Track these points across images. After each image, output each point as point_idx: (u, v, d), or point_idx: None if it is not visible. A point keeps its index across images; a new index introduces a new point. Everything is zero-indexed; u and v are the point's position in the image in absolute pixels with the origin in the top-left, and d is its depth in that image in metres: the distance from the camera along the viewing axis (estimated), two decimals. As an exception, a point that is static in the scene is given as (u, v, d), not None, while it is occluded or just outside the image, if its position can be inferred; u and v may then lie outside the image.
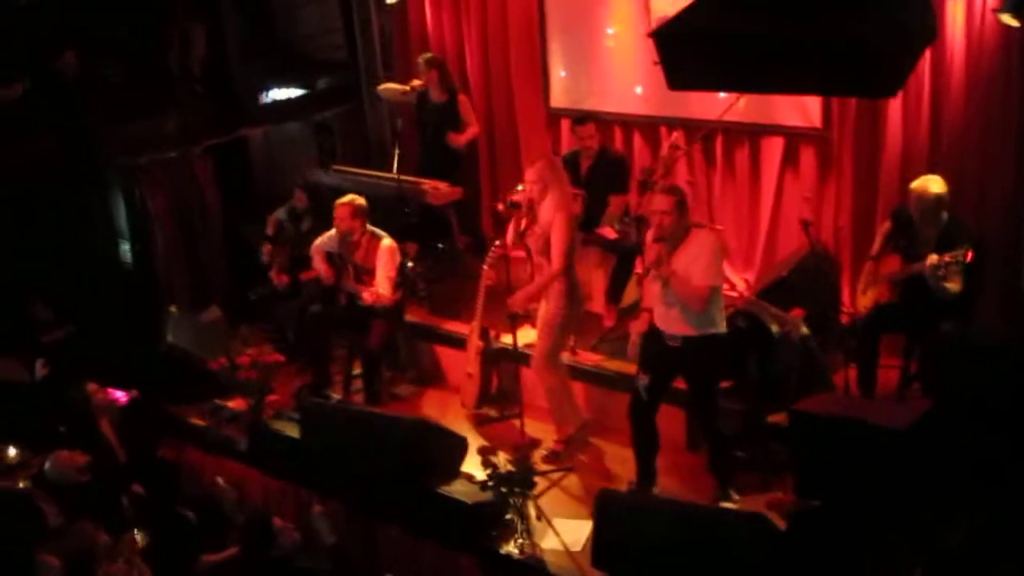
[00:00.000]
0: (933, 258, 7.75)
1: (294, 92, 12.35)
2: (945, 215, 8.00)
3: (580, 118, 9.80)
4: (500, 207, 8.76)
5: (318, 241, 9.67)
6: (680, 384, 7.96)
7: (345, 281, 9.52)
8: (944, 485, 4.41)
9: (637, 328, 8.13)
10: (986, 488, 4.36)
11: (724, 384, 8.18)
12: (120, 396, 9.06)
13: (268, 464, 8.77)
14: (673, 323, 7.62)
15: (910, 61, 5.12)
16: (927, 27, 5.25)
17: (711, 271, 7.47)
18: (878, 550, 4.57)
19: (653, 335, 7.81)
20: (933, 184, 7.99)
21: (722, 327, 7.68)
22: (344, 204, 9.40)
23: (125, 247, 10.81)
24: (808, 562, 5.49)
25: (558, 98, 11.21)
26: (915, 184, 8.10)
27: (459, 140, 10.89)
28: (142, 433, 9.10)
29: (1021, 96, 8.50)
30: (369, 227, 9.54)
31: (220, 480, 8.52)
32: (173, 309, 10.04)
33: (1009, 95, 8.55)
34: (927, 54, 8.32)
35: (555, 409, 8.69)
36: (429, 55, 11.10)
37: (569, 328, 8.62)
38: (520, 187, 8.56)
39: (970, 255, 7.63)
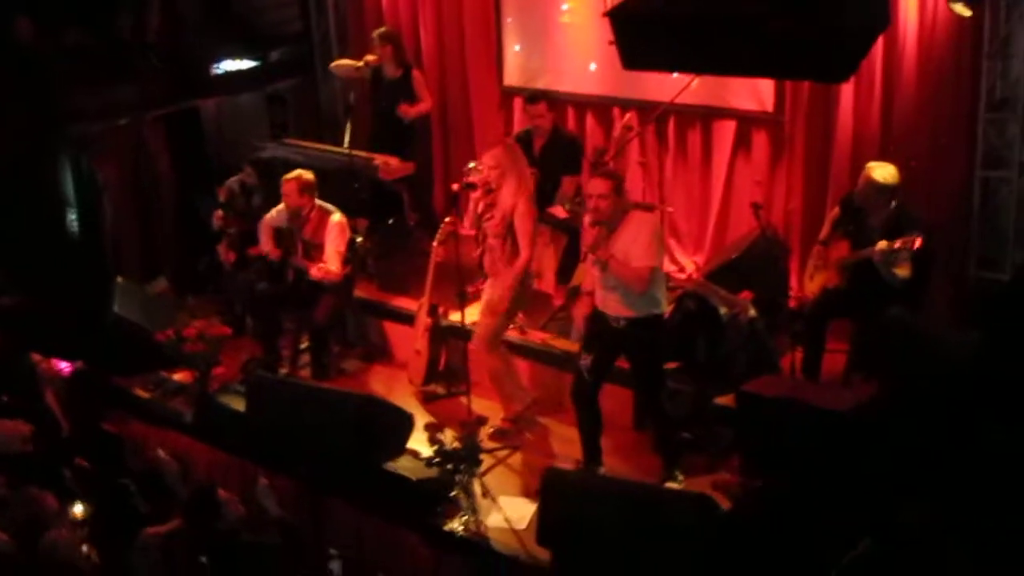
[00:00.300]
0: (883, 244, 7.79)
1: (247, 63, 12.25)
2: (894, 203, 8.04)
3: (532, 96, 9.79)
4: (455, 187, 8.76)
5: (267, 216, 9.63)
6: (624, 364, 7.99)
7: (293, 257, 9.48)
8: (891, 466, 4.47)
9: (580, 311, 8.17)
10: (933, 470, 4.42)
11: (672, 365, 8.22)
12: (64, 367, 8.99)
13: (214, 437, 8.73)
14: (614, 305, 7.64)
15: (864, 46, 5.15)
16: (881, 13, 5.28)
17: (651, 252, 7.47)
18: (824, 527, 4.62)
19: (596, 316, 7.84)
20: (878, 171, 7.99)
21: (664, 308, 7.72)
22: (291, 180, 9.34)
23: (72, 216, 10.68)
24: (753, 540, 5.54)
25: (512, 76, 11.20)
26: (868, 171, 8.11)
27: (409, 112, 10.84)
28: (86, 404, 9.03)
29: (971, 84, 8.59)
30: (319, 202, 9.49)
31: (161, 452, 8.47)
32: (120, 279, 9.95)
33: (960, 83, 8.62)
34: (880, 41, 8.35)
35: (499, 388, 8.70)
36: (384, 30, 11.04)
37: (515, 311, 8.64)
38: (472, 164, 8.56)
39: (919, 242, 7.67)
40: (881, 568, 4.55)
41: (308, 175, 9.42)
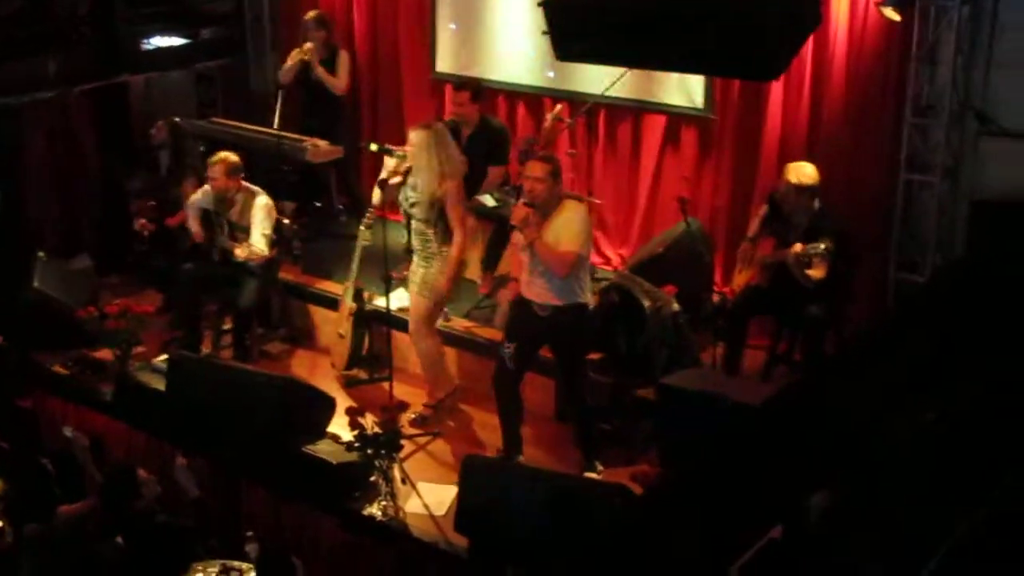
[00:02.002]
0: (798, 247, 7.92)
1: (178, 41, 12.15)
2: (817, 203, 8.16)
3: (459, 84, 9.78)
4: (373, 147, 8.70)
5: (192, 198, 9.55)
6: (547, 354, 8.02)
7: (220, 238, 9.41)
8: (800, 458, 4.55)
9: (506, 297, 8.19)
10: (842, 461, 4.51)
11: (594, 356, 8.26)
12: (-20, 341, 8.88)
13: (132, 416, 8.64)
14: (540, 292, 7.67)
15: (794, 44, 5.19)
16: (812, 12, 5.32)
17: (579, 239, 7.51)
18: (733, 515, 4.69)
19: (521, 304, 7.86)
20: (793, 172, 8.15)
21: (588, 297, 7.75)
22: (217, 163, 9.25)
23: (-7, 189, 10.57)
24: (665, 530, 5.58)
25: (444, 63, 11.19)
26: (789, 173, 8.23)
27: (325, 75, 10.77)
28: (3, 381, 8.92)
29: (898, 88, 8.70)
30: (245, 183, 9.43)
31: (70, 429, 8.36)
32: (41, 255, 9.83)
33: (887, 86, 8.74)
34: (810, 41, 8.45)
35: (428, 373, 8.71)
36: (319, 14, 10.93)
37: (451, 293, 8.62)
38: (401, 152, 8.53)
39: (825, 246, 7.81)
40: (789, 552, 4.63)
41: (234, 157, 9.34)
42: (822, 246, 7.82)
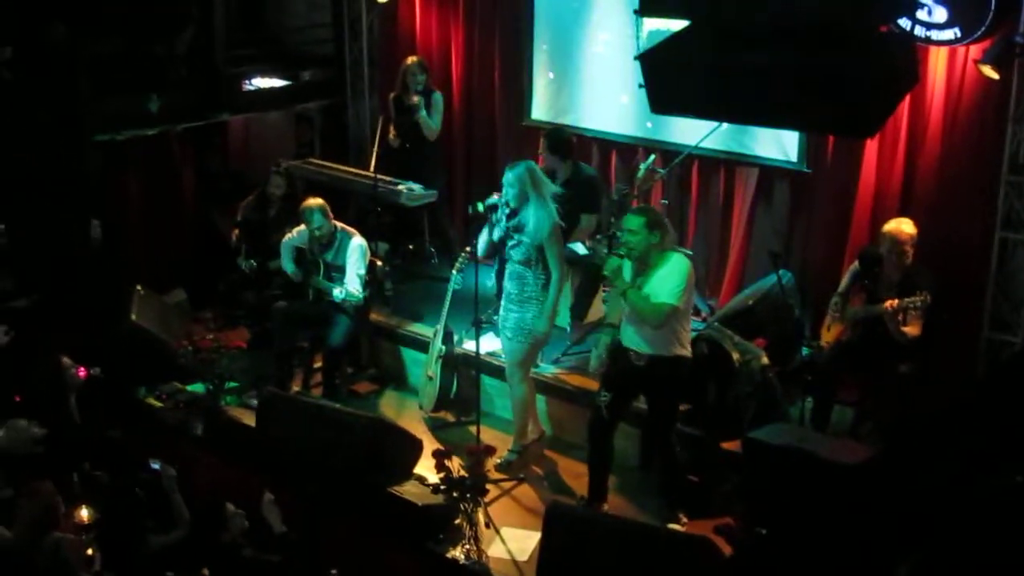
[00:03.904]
0: (894, 302, 7.88)
1: (277, 82, 12.36)
2: (910, 259, 8.12)
3: (548, 134, 9.81)
4: (479, 207, 8.72)
5: (287, 237, 9.69)
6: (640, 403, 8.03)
7: (314, 277, 9.53)
8: (890, 522, 4.52)
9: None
10: (930, 528, 4.48)
11: (681, 408, 8.25)
12: (80, 371, 9.04)
13: (222, 450, 8.75)
14: (637, 340, 7.67)
15: (891, 103, 5.18)
16: (910, 71, 5.31)
17: (675, 292, 7.47)
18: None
19: (619, 352, 7.86)
20: (907, 226, 8.12)
21: (687, 350, 7.73)
22: (315, 205, 9.39)
23: (96, 223, 10.77)
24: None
25: (539, 111, 11.24)
26: (889, 226, 8.20)
27: (425, 121, 10.83)
28: (99, 410, 9.07)
29: (995, 146, 8.59)
30: (340, 224, 9.56)
31: (157, 461, 8.47)
32: (139, 288, 10.01)
33: (984, 143, 8.63)
34: (906, 99, 8.40)
35: (518, 418, 8.74)
36: (420, 60, 10.99)
37: (547, 337, 8.64)
38: (495, 196, 8.58)
39: (922, 299, 7.78)
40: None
41: (321, 200, 9.49)
42: (919, 299, 7.79)
